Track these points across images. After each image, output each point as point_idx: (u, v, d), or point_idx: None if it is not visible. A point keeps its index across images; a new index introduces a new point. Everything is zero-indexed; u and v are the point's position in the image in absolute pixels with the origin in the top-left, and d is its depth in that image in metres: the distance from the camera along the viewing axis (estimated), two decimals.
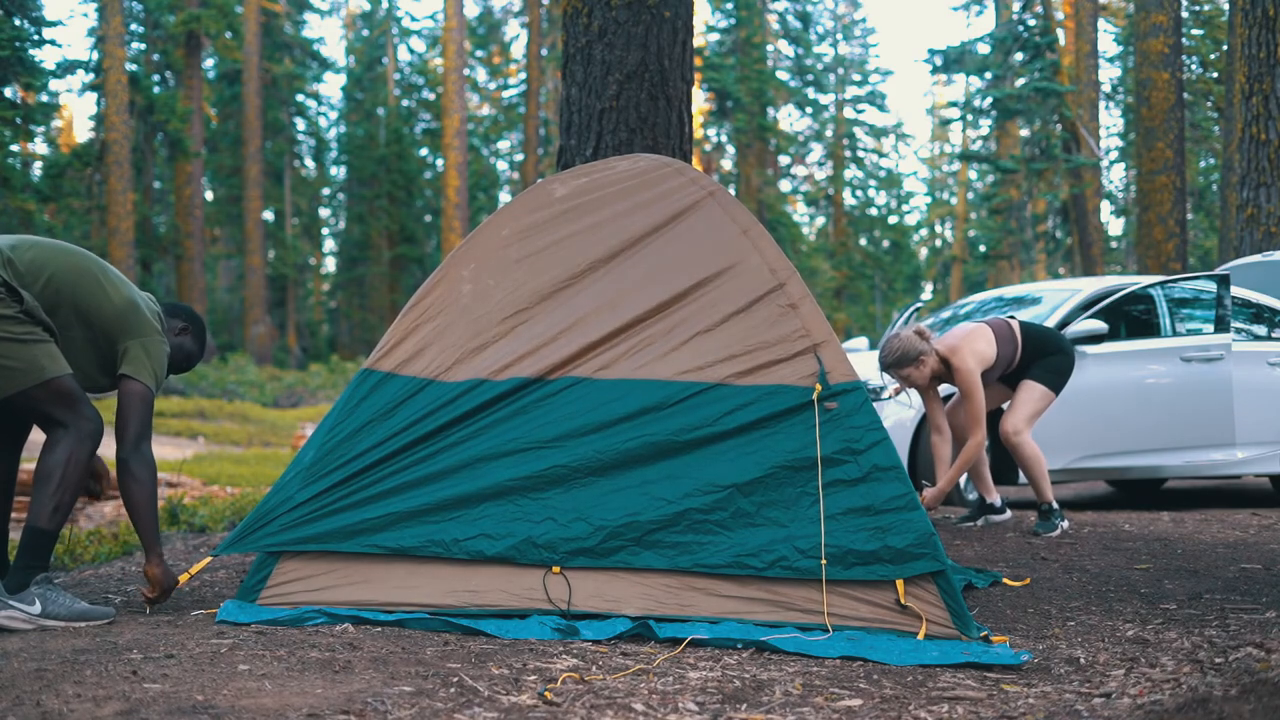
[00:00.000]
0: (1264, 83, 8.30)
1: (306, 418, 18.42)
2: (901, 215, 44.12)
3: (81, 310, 3.28)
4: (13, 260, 3.20)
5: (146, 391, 3.32)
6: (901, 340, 5.06)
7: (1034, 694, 2.57)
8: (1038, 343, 5.26)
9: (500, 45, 40.01)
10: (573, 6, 5.35)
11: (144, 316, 3.37)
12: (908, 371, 5.05)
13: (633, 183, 3.61)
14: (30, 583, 3.13)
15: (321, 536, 3.30)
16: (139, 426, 3.31)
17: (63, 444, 3.18)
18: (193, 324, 3.69)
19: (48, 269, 3.24)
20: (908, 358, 5.02)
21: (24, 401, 3.18)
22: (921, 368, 5.03)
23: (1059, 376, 5.24)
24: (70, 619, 3.12)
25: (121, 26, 22.62)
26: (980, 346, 5.11)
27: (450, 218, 28.21)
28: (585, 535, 3.24)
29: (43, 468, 3.18)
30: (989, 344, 5.14)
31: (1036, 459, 5.22)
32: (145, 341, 3.34)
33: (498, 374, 3.39)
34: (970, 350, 5.07)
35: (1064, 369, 5.26)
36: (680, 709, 2.40)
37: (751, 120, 31.76)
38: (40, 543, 3.16)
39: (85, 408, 3.23)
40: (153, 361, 3.35)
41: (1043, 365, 5.22)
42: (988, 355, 5.11)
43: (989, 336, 5.17)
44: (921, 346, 5.02)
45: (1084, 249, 20.30)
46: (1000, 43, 21.96)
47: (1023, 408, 5.19)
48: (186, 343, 3.65)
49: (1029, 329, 5.30)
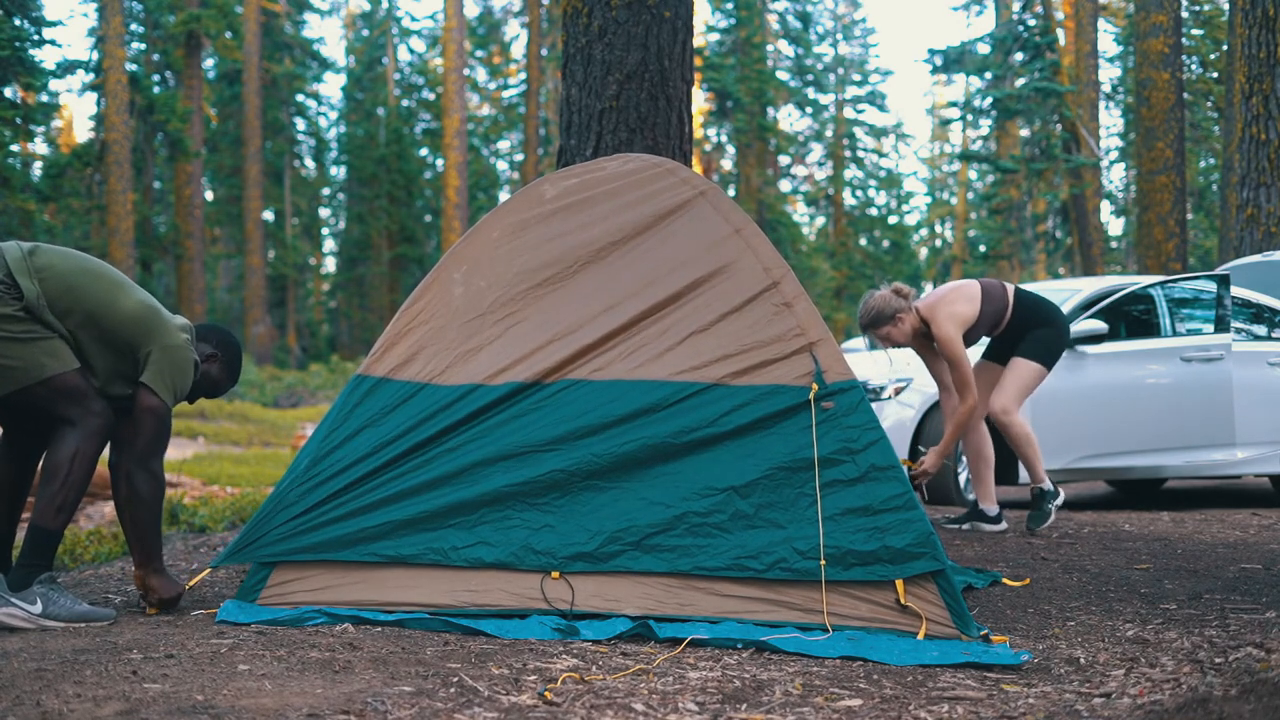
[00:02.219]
0: (1264, 83, 8.30)
1: (306, 418, 18.43)
2: (901, 215, 44.10)
3: (96, 314, 3.22)
4: (28, 261, 3.16)
5: (161, 406, 3.26)
6: (877, 299, 4.95)
7: (1034, 694, 2.57)
8: (1030, 310, 5.07)
9: (500, 45, 40.00)
10: (573, 6, 5.35)
11: (165, 321, 3.30)
12: (886, 330, 4.95)
13: (623, 183, 3.61)
14: (33, 581, 3.12)
15: (319, 546, 3.29)
16: (149, 441, 3.26)
17: (68, 441, 3.15)
18: (224, 351, 3.59)
19: (61, 271, 3.20)
20: (883, 316, 4.92)
21: (27, 399, 3.16)
22: (900, 325, 4.92)
23: (1049, 350, 5.06)
24: (70, 620, 3.12)
25: (121, 26, 22.62)
26: (959, 307, 4.93)
27: (450, 218, 28.21)
28: (584, 540, 3.23)
29: (48, 465, 3.16)
30: (969, 301, 4.96)
31: (1027, 438, 5.09)
32: (168, 348, 3.27)
33: (493, 379, 3.38)
34: (947, 314, 4.91)
35: (1053, 341, 5.07)
36: (680, 709, 2.40)
37: (751, 120, 31.75)
38: (44, 541, 3.15)
39: (93, 403, 3.19)
40: (173, 371, 3.28)
41: (1031, 339, 5.04)
42: (966, 314, 4.93)
43: (971, 293, 4.99)
44: (897, 304, 4.91)
45: (1084, 249, 20.30)
46: (1000, 43, 21.96)
47: (1010, 385, 5.03)
48: (213, 370, 3.57)
49: (1024, 295, 5.12)
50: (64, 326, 3.20)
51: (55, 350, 3.16)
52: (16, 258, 3.17)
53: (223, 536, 5.55)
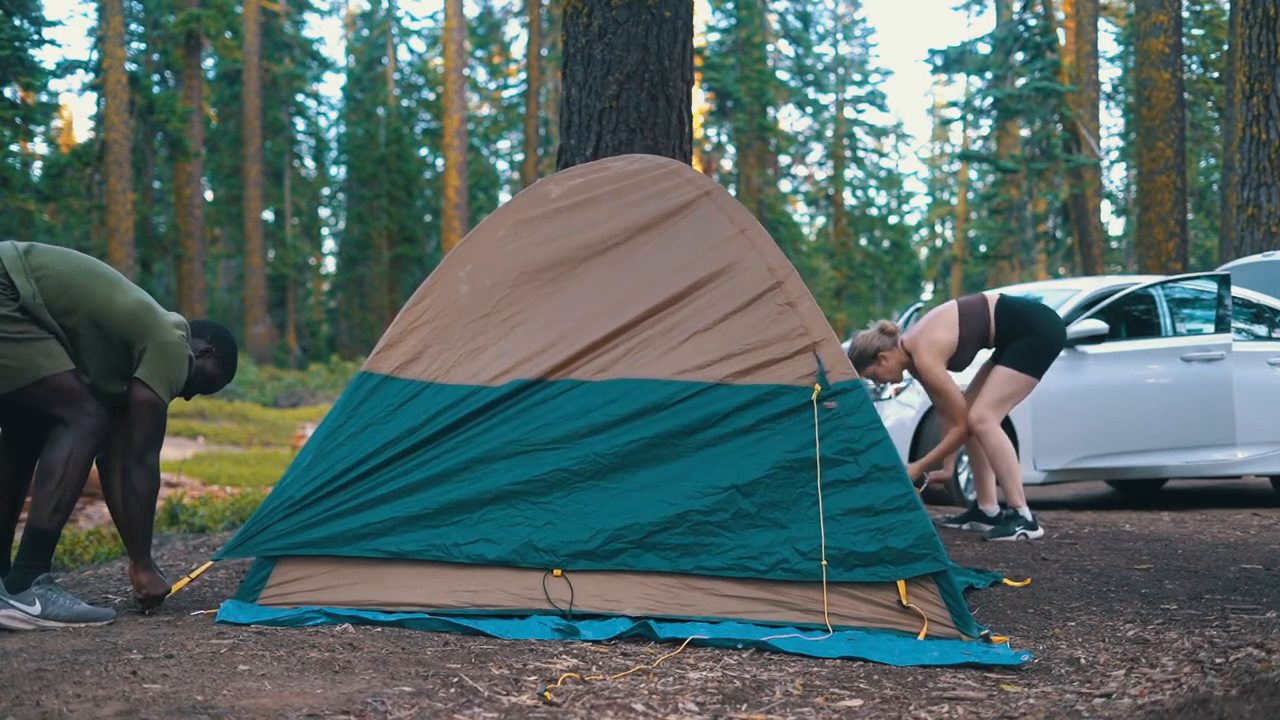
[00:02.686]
0: (1264, 83, 8.30)
1: (306, 418, 18.41)
2: (902, 215, 44.12)
3: (95, 313, 3.23)
4: (25, 259, 3.17)
5: (157, 400, 3.27)
6: (860, 339, 4.98)
7: (1034, 694, 2.57)
8: (1016, 318, 4.96)
9: (500, 45, 40.00)
10: (572, 6, 5.35)
11: (160, 318, 3.32)
12: (871, 370, 4.98)
13: (628, 183, 3.61)
14: (31, 583, 3.12)
15: (321, 541, 3.30)
16: (145, 436, 3.27)
17: (63, 441, 3.16)
18: (218, 346, 3.59)
19: (59, 271, 3.21)
20: (866, 356, 4.95)
21: (23, 400, 3.16)
22: (885, 363, 4.94)
23: (1033, 358, 4.93)
24: (70, 620, 3.12)
25: (121, 26, 22.61)
26: (937, 335, 4.91)
27: (450, 218, 28.21)
28: (586, 538, 3.23)
29: (43, 466, 3.17)
30: (948, 328, 4.92)
31: (1003, 451, 4.94)
32: (163, 344, 3.28)
33: (497, 378, 3.39)
34: (926, 344, 4.89)
35: (1038, 349, 4.94)
36: (680, 709, 2.39)
37: (751, 120, 31.75)
38: (41, 542, 3.15)
39: (87, 404, 3.20)
40: (169, 367, 3.29)
41: (1015, 347, 4.95)
42: (945, 340, 4.90)
43: (949, 319, 4.94)
44: (880, 343, 4.92)
45: (1084, 249, 20.29)
46: (1000, 42, 21.95)
47: (989, 394, 4.95)
48: (208, 366, 3.56)
49: (1008, 305, 5.01)
50: (62, 324, 3.20)
51: (50, 351, 3.16)
52: (12, 257, 3.17)
53: (222, 536, 5.55)
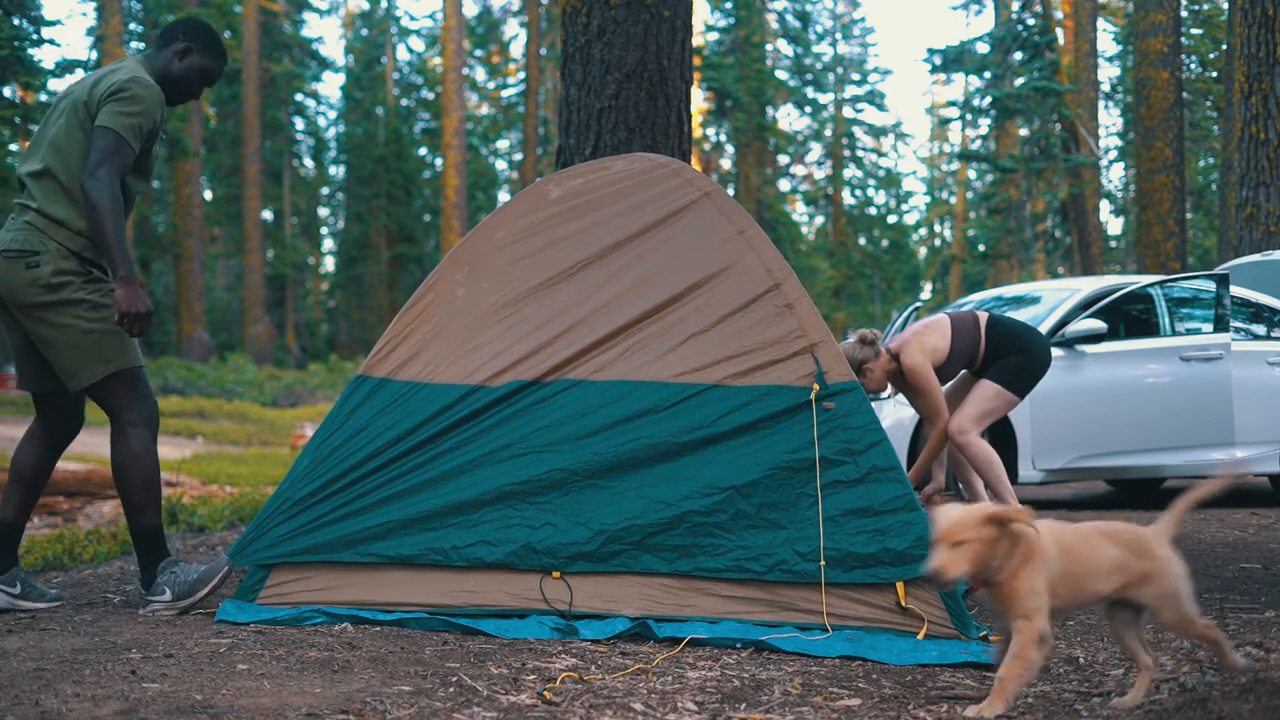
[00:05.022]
0: (1263, 82, 8.30)
1: (305, 417, 18.42)
2: (901, 215, 44.14)
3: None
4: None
5: (115, 134, 3.18)
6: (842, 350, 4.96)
7: (1034, 694, 2.57)
8: (1005, 337, 4.95)
9: (499, 45, 40.01)
10: (571, 6, 5.35)
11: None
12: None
13: (629, 183, 3.59)
14: (156, 576, 3.37)
15: (320, 547, 3.30)
16: (100, 155, 3.15)
17: (119, 445, 3.33)
18: (194, 37, 3.41)
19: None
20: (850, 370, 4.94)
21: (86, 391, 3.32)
22: (870, 374, 4.86)
23: (1018, 377, 4.92)
24: (195, 588, 3.35)
25: (121, 26, 22.64)
26: (931, 340, 4.88)
27: (449, 217, 28.22)
28: (584, 540, 3.23)
29: (115, 471, 3.36)
30: (942, 337, 4.90)
31: (987, 460, 4.92)
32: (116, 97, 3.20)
33: (494, 378, 3.38)
34: (918, 345, 4.85)
35: (1024, 369, 4.93)
36: (679, 709, 2.39)
37: (750, 120, 31.74)
38: (144, 542, 3.38)
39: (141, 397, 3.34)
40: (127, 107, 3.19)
41: (1003, 365, 4.93)
42: (938, 349, 4.87)
43: (943, 329, 4.93)
44: (862, 354, 4.84)
45: (1083, 248, 20.30)
46: (999, 42, 21.95)
47: (970, 406, 4.92)
48: (195, 61, 3.41)
49: (998, 324, 5.00)
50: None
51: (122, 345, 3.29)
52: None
53: (222, 536, 5.55)
